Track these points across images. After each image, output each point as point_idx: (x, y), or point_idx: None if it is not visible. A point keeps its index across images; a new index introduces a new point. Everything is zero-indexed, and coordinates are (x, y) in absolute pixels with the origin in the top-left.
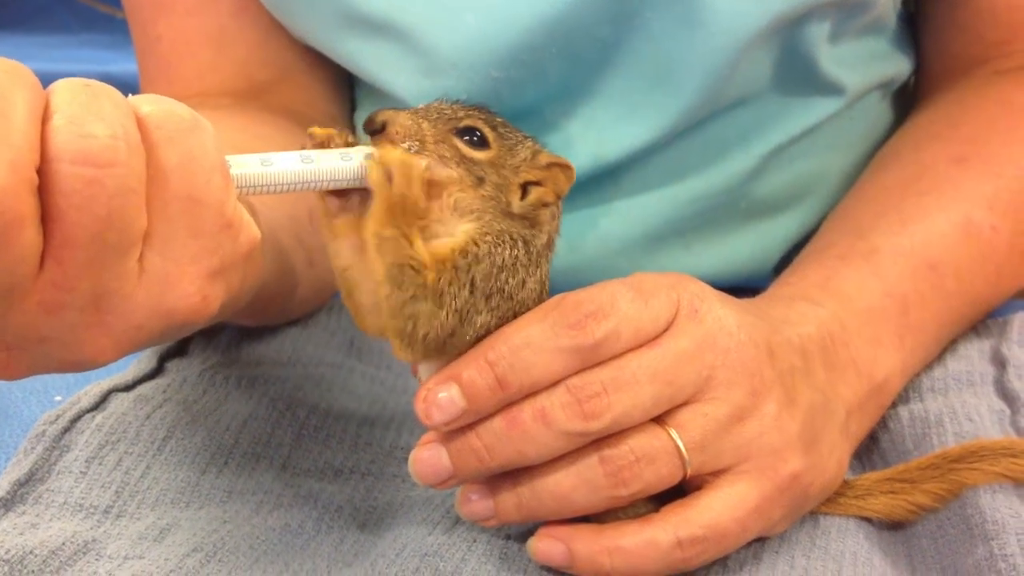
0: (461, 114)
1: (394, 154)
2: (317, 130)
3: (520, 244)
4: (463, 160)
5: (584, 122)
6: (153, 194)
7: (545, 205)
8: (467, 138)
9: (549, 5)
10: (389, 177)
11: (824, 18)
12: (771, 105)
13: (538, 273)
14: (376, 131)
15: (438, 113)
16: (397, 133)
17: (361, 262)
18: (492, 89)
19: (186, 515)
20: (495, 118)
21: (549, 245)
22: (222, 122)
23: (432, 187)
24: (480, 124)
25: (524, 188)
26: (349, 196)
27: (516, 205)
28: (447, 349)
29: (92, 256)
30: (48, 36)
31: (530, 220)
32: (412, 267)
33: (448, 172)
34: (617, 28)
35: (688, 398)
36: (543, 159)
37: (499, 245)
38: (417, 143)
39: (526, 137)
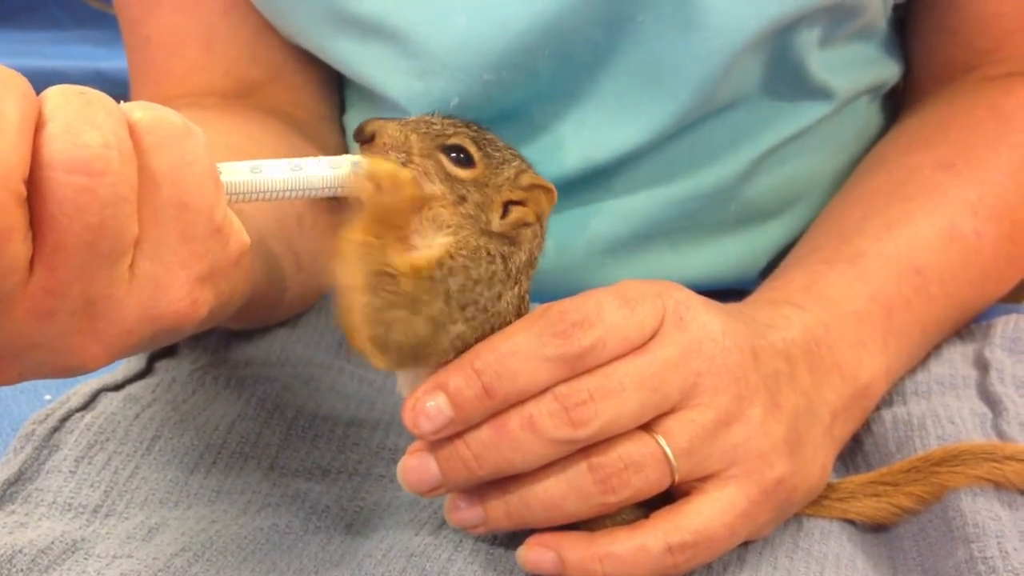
0: (450, 130)
1: (384, 166)
2: None
3: (498, 259)
4: (447, 177)
5: (575, 124)
6: (144, 200)
7: (526, 225)
8: (453, 155)
9: (543, 7)
10: (378, 188)
11: (815, 23)
12: (761, 109)
13: (516, 288)
14: (365, 141)
15: (427, 127)
16: (385, 144)
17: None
18: (483, 91)
19: (174, 515)
20: (484, 135)
21: (530, 263)
22: (212, 123)
23: (413, 200)
24: (467, 142)
25: (505, 207)
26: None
27: (496, 224)
28: (421, 357)
29: (84, 263)
30: (39, 32)
31: (510, 239)
32: (388, 274)
33: (431, 188)
34: (611, 31)
35: (675, 405)
36: (525, 180)
37: (475, 259)
38: (403, 155)
39: (515, 156)
